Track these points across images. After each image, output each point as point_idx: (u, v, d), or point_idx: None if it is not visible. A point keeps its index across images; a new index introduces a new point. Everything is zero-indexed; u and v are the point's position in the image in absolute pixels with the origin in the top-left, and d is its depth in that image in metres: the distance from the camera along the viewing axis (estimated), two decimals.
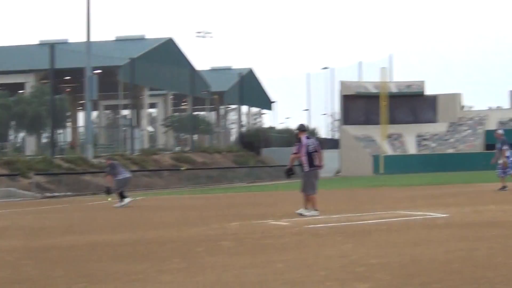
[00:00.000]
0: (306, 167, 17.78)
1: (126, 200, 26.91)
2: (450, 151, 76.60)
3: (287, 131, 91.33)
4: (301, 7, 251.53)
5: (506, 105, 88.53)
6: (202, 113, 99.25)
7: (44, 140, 77.38)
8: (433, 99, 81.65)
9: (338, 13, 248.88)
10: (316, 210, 17.89)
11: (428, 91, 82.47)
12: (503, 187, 26.36)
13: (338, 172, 75.14)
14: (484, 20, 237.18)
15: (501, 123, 79.54)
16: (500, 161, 26.79)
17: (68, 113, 76.87)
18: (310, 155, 17.76)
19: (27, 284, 8.98)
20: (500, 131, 27.67)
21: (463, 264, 9.20)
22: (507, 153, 26.62)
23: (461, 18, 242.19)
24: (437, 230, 13.24)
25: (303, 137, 17.86)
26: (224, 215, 19.75)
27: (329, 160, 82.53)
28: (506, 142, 26.75)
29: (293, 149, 18.06)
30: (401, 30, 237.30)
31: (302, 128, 18.14)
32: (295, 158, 18.07)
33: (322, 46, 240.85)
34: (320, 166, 18.00)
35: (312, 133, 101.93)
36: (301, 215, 17.57)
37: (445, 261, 9.48)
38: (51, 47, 54.86)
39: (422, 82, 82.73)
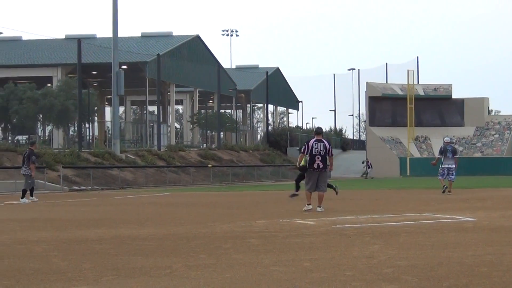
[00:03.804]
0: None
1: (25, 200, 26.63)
2: (477, 155, 76.19)
3: (313, 131, 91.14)
4: (328, 7, 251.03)
5: None
6: (228, 111, 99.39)
7: (71, 134, 77.88)
8: (460, 102, 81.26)
9: (365, 14, 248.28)
10: (308, 204, 19.50)
11: (455, 94, 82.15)
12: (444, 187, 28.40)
13: (364, 173, 74.91)
14: None
15: None
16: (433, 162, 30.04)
17: (95, 108, 77.24)
18: (312, 157, 19.32)
19: (56, 275, 9.05)
20: (447, 139, 29.52)
21: (492, 268, 9.15)
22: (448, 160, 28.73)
23: (490, 22, 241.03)
24: (464, 234, 13.19)
25: (311, 140, 19.55)
26: (251, 212, 19.79)
27: (356, 160, 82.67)
28: (443, 150, 28.69)
29: (302, 149, 20.10)
30: (428, 33, 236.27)
31: (317, 131, 20.08)
32: (301, 157, 20.56)
33: (348, 47, 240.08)
34: (317, 169, 19.31)
35: (338, 134, 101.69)
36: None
37: (473, 264, 9.44)
38: (79, 41, 55.15)
39: (450, 85, 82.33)
